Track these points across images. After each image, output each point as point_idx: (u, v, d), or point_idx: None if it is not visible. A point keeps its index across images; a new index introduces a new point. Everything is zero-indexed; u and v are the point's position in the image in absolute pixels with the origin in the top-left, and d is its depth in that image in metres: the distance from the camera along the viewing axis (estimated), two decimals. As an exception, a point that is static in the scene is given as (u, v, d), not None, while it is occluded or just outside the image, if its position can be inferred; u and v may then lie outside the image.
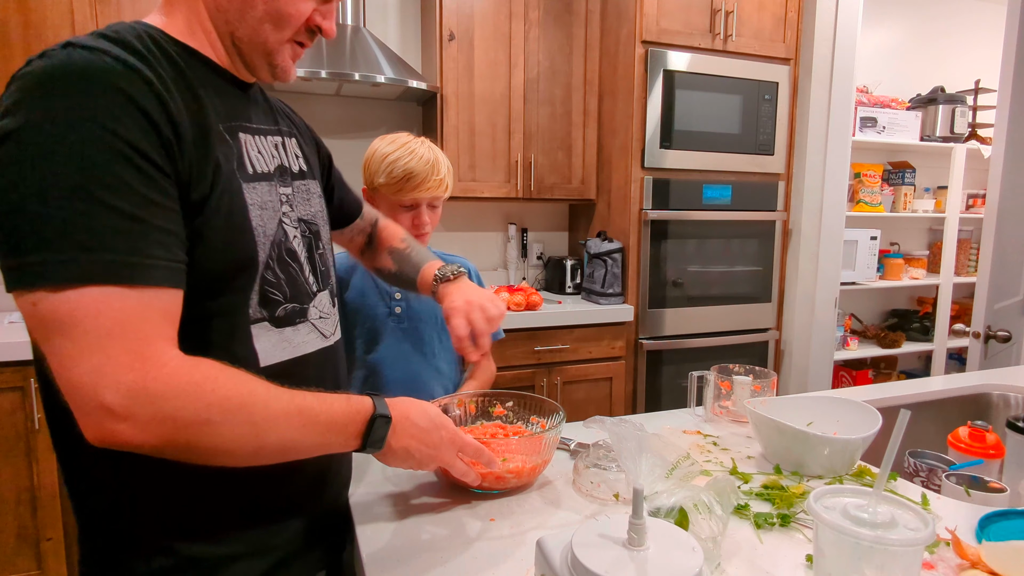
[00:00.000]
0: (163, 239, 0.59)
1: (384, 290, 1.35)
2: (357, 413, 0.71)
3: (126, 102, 0.58)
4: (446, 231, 2.84)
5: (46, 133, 0.55)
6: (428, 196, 1.29)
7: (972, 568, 0.71)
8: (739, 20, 2.50)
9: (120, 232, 0.56)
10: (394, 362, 1.33)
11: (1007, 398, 1.52)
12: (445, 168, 1.31)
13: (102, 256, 0.55)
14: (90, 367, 0.54)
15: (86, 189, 0.55)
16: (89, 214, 0.55)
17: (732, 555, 0.76)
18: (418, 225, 1.31)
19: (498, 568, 0.74)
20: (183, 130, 0.63)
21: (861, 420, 1.05)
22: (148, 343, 0.57)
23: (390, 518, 0.87)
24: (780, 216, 2.68)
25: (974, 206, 3.55)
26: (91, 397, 0.54)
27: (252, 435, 0.62)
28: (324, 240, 0.86)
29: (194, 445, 0.59)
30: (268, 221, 0.73)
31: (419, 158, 1.26)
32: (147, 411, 0.55)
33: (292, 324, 0.76)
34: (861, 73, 3.29)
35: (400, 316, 1.35)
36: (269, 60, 0.74)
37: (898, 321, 3.59)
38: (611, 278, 2.48)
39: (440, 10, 2.35)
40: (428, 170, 1.27)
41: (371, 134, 2.65)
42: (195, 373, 0.59)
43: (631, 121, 2.43)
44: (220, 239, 0.66)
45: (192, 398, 0.58)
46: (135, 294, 0.57)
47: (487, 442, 0.91)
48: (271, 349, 0.73)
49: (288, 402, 0.65)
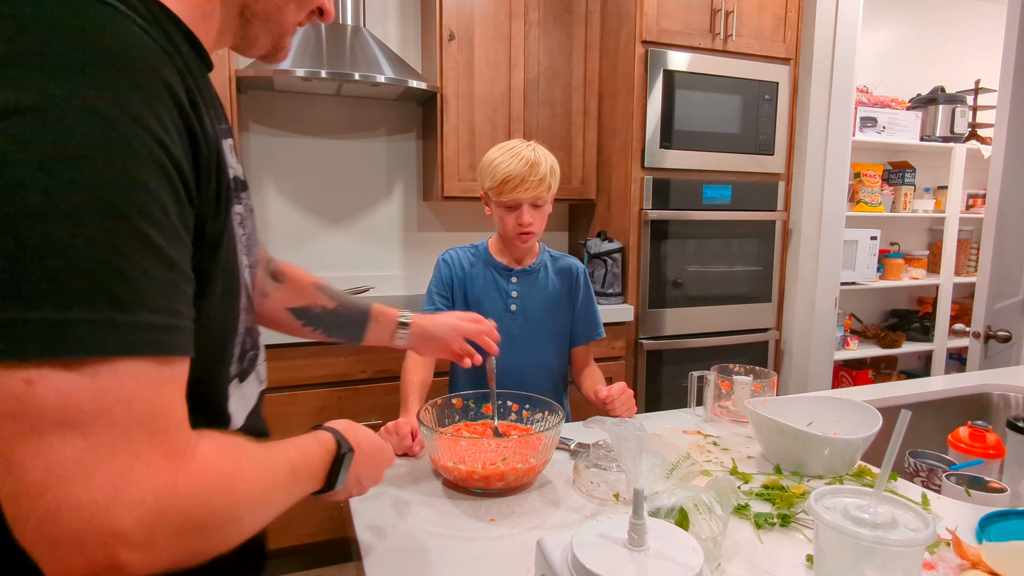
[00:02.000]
0: (188, 290, 0.45)
1: (503, 288, 1.44)
2: (327, 453, 0.64)
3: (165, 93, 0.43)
4: (446, 231, 2.84)
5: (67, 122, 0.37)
6: (528, 196, 1.33)
7: (972, 568, 0.71)
8: (739, 20, 2.50)
9: (157, 281, 0.41)
10: (507, 355, 1.39)
11: (1007, 398, 1.52)
12: (546, 168, 1.34)
13: (142, 317, 0.40)
14: (111, 475, 0.37)
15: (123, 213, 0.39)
16: (126, 253, 0.39)
17: (732, 555, 0.76)
18: (521, 224, 1.36)
19: (498, 568, 0.74)
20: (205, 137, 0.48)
21: (861, 420, 1.05)
22: (178, 433, 0.43)
23: (390, 518, 0.87)
24: (780, 216, 2.68)
25: (974, 206, 3.55)
26: (98, 523, 0.37)
27: (266, 517, 0.51)
28: None
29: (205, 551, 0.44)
30: (243, 253, 0.60)
31: (520, 159, 1.31)
32: (170, 527, 0.40)
33: (248, 375, 0.64)
34: (861, 73, 3.29)
35: (515, 313, 1.43)
36: (278, 39, 0.65)
37: (898, 321, 3.59)
38: (611, 278, 2.48)
39: (440, 10, 2.35)
40: (527, 171, 1.31)
41: (371, 134, 2.66)
42: (222, 460, 0.46)
43: (631, 121, 2.43)
44: (221, 284, 0.53)
45: (224, 494, 0.44)
46: (168, 370, 0.42)
47: (476, 441, 0.91)
48: (237, 410, 0.61)
49: (285, 465, 0.55)
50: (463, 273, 1.45)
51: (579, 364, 1.51)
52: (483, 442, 0.98)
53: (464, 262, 1.46)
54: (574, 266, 1.49)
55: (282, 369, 2.02)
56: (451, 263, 1.46)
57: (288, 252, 2.61)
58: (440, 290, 1.44)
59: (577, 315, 1.48)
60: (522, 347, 1.43)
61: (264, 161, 2.54)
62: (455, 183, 2.44)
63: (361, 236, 2.71)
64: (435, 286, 1.45)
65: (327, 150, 2.61)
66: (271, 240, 2.58)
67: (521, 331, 1.44)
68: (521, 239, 1.38)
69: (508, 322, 1.43)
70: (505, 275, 1.44)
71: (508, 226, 1.37)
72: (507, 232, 1.39)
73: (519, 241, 1.39)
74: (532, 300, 1.44)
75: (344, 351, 2.08)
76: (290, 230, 2.60)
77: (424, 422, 0.97)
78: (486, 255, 1.46)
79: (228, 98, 2.13)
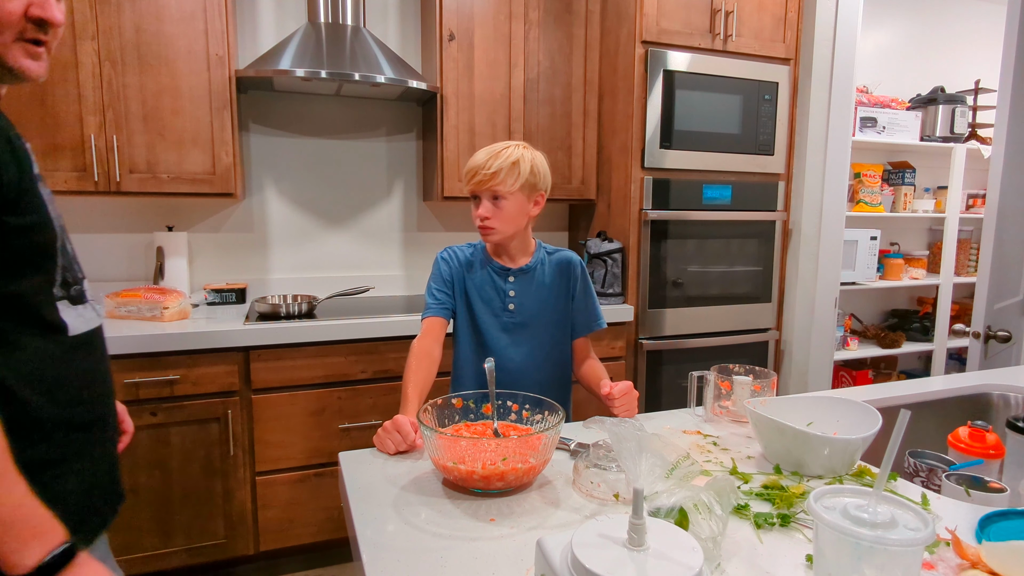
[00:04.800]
0: None
1: (501, 287, 1.44)
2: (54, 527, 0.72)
3: None
4: (446, 231, 2.84)
5: None
6: (483, 188, 1.34)
7: (972, 568, 0.71)
8: (739, 20, 2.50)
9: None
10: (509, 353, 1.43)
11: (1007, 398, 1.52)
12: (506, 161, 1.32)
13: None
14: None
15: None
16: None
17: (732, 555, 0.76)
18: (475, 216, 1.37)
19: (498, 568, 0.74)
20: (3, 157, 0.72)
21: (861, 420, 1.05)
22: None
23: (390, 519, 0.87)
24: (780, 216, 2.68)
25: (974, 206, 3.55)
26: None
27: None
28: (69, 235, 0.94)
29: None
30: (55, 215, 0.83)
31: (485, 152, 1.33)
32: None
33: (82, 303, 0.88)
34: (861, 73, 3.29)
35: (514, 312, 1.44)
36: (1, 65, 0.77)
37: (898, 321, 3.59)
38: (611, 278, 2.48)
39: (440, 10, 2.35)
40: (483, 161, 1.32)
41: (371, 134, 2.66)
42: None
43: (631, 121, 2.43)
44: (30, 230, 0.77)
45: None
46: None
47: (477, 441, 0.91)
48: (74, 321, 0.85)
49: None
50: (462, 271, 1.45)
51: (579, 356, 1.51)
52: (483, 442, 0.98)
53: (462, 260, 1.46)
54: (570, 259, 1.49)
55: (282, 369, 2.02)
56: (450, 260, 1.46)
57: (288, 252, 2.61)
58: (440, 286, 1.44)
59: (576, 307, 1.48)
60: (522, 345, 1.44)
61: (264, 161, 2.54)
62: (455, 183, 2.44)
63: (361, 236, 2.71)
64: (435, 282, 1.45)
65: (327, 150, 2.61)
66: (271, 240, 2.58)
67: (521, 329, 1.44)
68: (481, 232, 1.38)
69: (507, 321, 1.44)
70: (502, 275, 1.44)
71: (474, 219, 1.38)
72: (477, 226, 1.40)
73: (481, 234, 1.39)
74: (530, 298, 1.45)
75: (344, 351, 2.08)
76: (290, 230, 2.60)
77: (424, 422, 0.97)
78: (483, 255, 1.47)
79: (228, 98, 2.14)
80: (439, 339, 1.40)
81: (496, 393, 1.13)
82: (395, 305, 2.44)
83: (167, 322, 2.02)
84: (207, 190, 2.16)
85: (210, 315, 2.18)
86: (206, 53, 2.10)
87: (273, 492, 2.06)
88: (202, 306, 2.35)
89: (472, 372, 1.45)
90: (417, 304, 2.44)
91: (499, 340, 1.44)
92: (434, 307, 1.42)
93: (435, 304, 1.43)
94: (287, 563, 2.20)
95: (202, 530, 2.01)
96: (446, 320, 1.43)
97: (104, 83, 2.00)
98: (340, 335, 2.06)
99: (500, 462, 0.93)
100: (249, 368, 1.99)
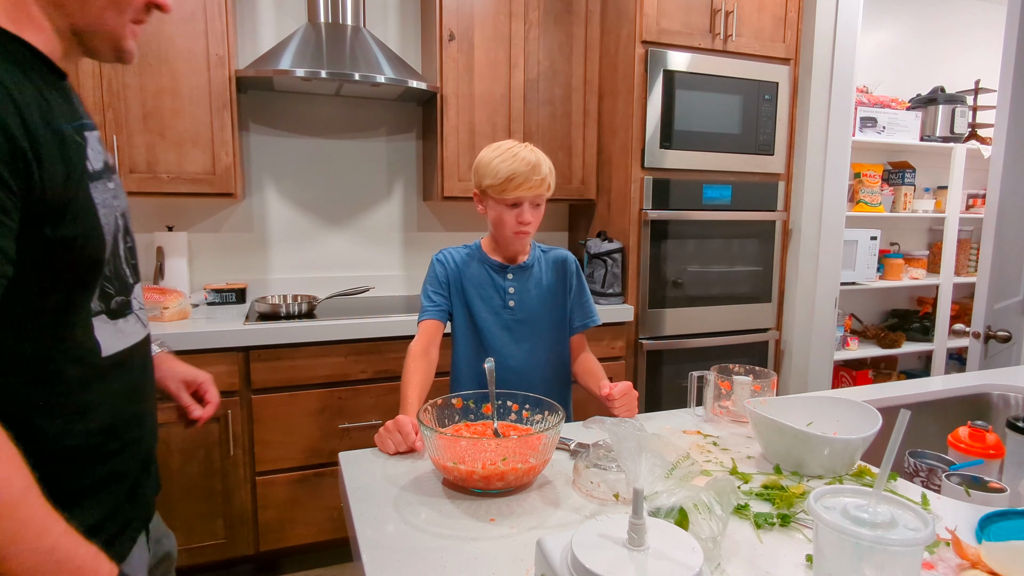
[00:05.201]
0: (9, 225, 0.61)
1: (500, 285, 1.45)
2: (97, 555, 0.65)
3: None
4: (445, 231, 2.84)
5: None
6: (531, 195, 1.36)
7: (972, 568, 0.71)
8: (739, 20, 2.50)
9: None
10: (509, 351, 1.44)
11: (1007, 398, 1.52)
12: (547, 169, 1.38)
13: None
14: None
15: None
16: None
17: (732, 555, 0.76)
18: (522, 222, 1.39)
19: (498, 568, 0.74)
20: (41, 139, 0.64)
21: (861, 420, 1.05)
22: None
23: (390, 518, 0.87)
24: (780, 216, 2.68)
25: (974, 206, 3.55)
26: None
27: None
28: (132, 234, 0.86)
29: None
30: (109, 219, 0.75)
31: (521, 160, 1.35)
32: None
33: (123, 316, 0.80)
34: (861, 73, 3.28)
35: (514, 309, 1.45)
36: (116, 45, 0.75)
37: (898, 321, 3.59)
38: (611, 278, 2.48)
39: (440, 10, 2.35)
40: (530, 170, 1.35)
41: (371, 134, 2.66)
42: None
43: (631, 121, 2.43)
44: (73, 242, 0.68)
45: None
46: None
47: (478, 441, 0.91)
48: (109, 340, 0.77)
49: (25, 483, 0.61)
50: (458, 272, 1.46)
51: (574, 352, 1.53)
52: (483, 442, 0.98)
53: (459, 261, 1.47)
54: (565, 256, 1.52)
55: (282, 369, 2.02)
56: (446, 262, 1.46)
57: (288, 252, 2.61)
58: (436, 288, 1.45)
59: (571, 304, 1.51)
60: (523, 343, 1.45)
61: (264, 161, 2.54)
62: (455, 183, 2.44)
63: (361, 236, 2.71)
64: (430, 285, 1.46)
65: (327, 150, 2.61)
66: (271, 240, 2.58)
67: (521, 327, 1.45)
68: (519, 236, 1.40)
69: (507, 319, 1.44)
70: (501, 272, 1.45)
71: (508, 224, 1.39)
72: (505, 229, 1.40)
73: (516, 239, 1.41)
74: (529, 295, 1.46)
75: (344, 351, 2.08)
76: (290, 230, 2.60)
77: (424, 422, 0.97)
78: (480, 254, 1.47)
79: (228, 98, 2.14)
80: (436, 341, 1.41)
81: (496, 393, 1.13)
82: (395, 305, 2.44)
83: (167, 322, 2.02)
84: (207, 190, 2.16)
85: (210, 315, 2.18)
86: (206, 53, 2.10)
87: (273, 492, 2.06)
88: (202, 306, 2.35)
89: (471, 373, 1.45)
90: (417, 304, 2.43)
91: (499, 338, 1.44)
92: (430, 309, 1.43)
93: (431, 307, 1.43)
94: (287, 563, 2.20)
95: (202, 530, 2.01)
96: (442, 323, 1.44)
97: (104, 83, 2.00)
98: (340, 335, 2.06)
99: (500, 462, 0.93)
100: (249, 368, 1.99)
